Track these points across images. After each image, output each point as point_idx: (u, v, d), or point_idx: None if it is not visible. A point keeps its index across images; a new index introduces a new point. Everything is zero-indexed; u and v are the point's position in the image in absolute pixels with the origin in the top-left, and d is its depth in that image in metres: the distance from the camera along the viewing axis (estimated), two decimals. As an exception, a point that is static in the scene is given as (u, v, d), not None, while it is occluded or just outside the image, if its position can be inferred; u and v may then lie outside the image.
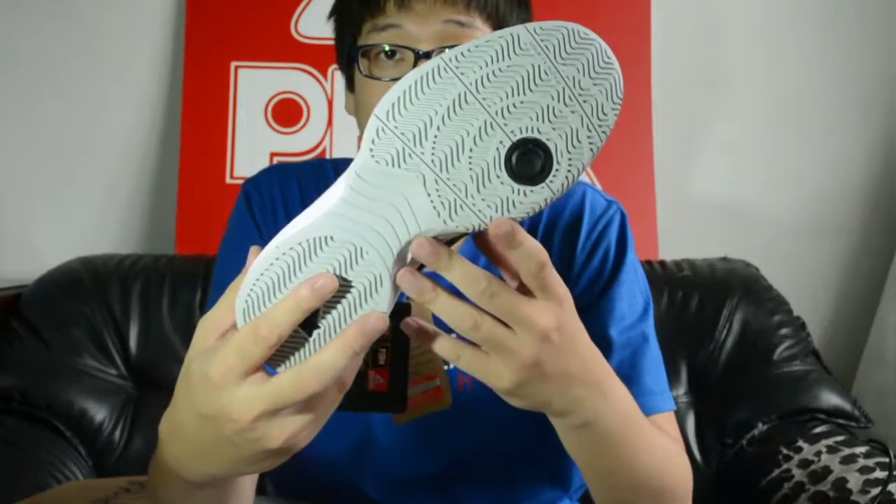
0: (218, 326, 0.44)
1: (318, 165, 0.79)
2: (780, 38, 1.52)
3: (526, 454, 0.71)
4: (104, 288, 1.20)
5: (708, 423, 1.19)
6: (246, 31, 1.42)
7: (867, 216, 1.53)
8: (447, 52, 0.42)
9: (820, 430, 1.11)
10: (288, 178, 0.76)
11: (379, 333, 0.42)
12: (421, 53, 0.64)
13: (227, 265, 0.75)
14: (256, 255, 0.43)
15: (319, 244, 0.42)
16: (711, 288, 1.24)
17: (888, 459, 0.93)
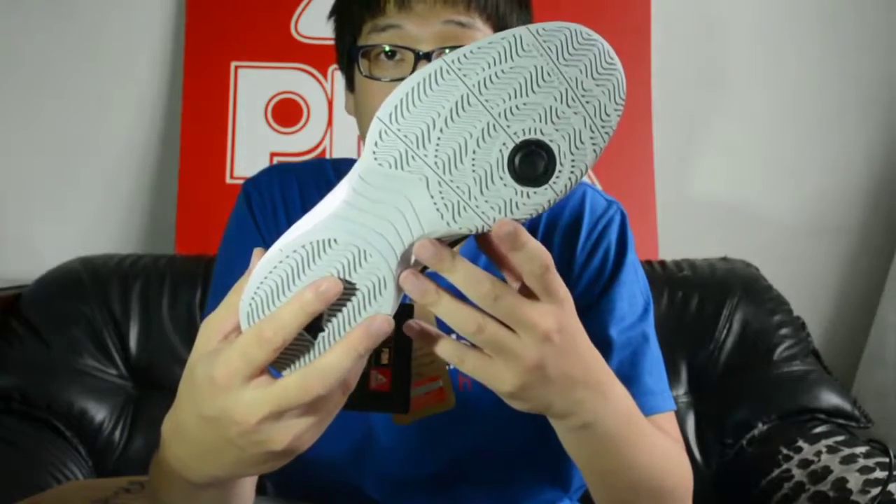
0: (221, 328, 0.44)
1: (318, 165, 0.79)
2: (779, 38, 1.52)
3: (526, 454, 0.71)
4: (104, 288, 1.20)
5: (708, 423, 1.19)
6: (246, 31, 1.42)
7: (867, 216, 1.53)
8: (449, 54, 0.42)
9: (820, 430, 1.11)
10: (288, 178, 0.76)
11: (384, 336, 0.42)
12: (421, 54, 0.64)
13: (227, 265, 0.75)
14: (260, 257, 0.43)
15: (323, 247, 0.42)
16: (711, 288, 1.24)
17: (888, 459, 0.93)
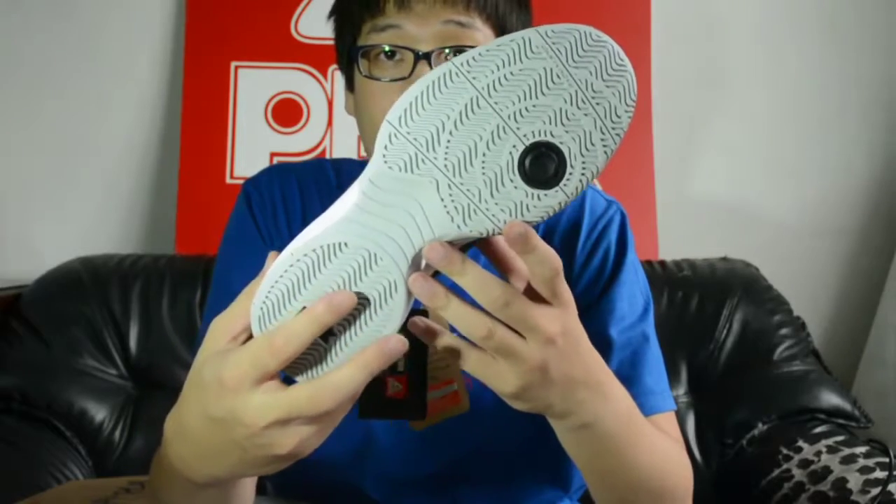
0: (230, 329, 0.44)
1: (318, 165, 0.79)
2: (780, 38, 1.52)
3: (526, 454, 0.71)
4: (104, 288, 1.20)
5: (708, 423, 1.19)
6: (246, 31, 1.42)
7: (867, 216, 1.53)
8: (458, 56, 0.42)
9: (820, 430, 1.11)
10: (288, 178, 0.76)
11: (398, 355, 0.41)
12: (421, 54, 0.64)
13: (227, 265, 0.74)
14: (273, 260, 0.43)
15: (334, 250, 0.42)
16: (711, 288, 1.24)
17: (888, 459, 0.93)
